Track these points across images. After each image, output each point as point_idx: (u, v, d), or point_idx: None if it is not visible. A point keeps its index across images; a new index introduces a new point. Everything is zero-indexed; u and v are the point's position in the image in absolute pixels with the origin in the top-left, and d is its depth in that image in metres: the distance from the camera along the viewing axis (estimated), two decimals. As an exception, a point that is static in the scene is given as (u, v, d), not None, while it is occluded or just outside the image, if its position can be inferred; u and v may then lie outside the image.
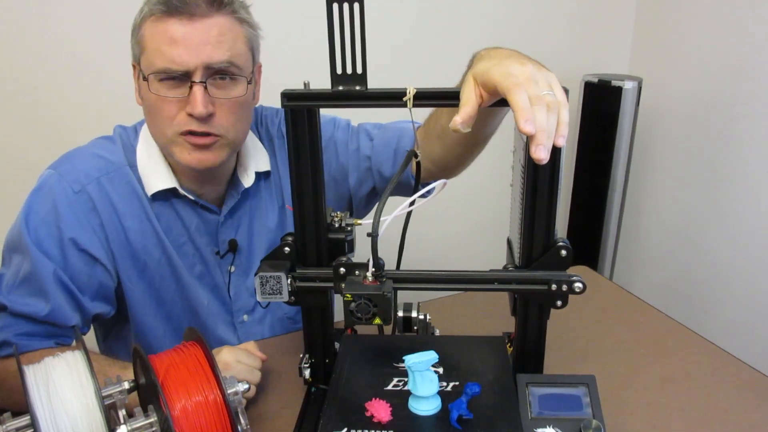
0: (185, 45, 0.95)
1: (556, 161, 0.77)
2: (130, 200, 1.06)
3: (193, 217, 1.11)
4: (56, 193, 1.02)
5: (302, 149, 0.81)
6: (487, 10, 1.97)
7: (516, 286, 0.84)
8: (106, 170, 1.06)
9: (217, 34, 0.96)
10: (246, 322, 1.19)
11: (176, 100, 0.98)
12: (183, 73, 0.96)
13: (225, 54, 0.97)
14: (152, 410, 0.65)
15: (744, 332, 1.86)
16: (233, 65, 0.98)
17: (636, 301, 1.26)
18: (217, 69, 0.97)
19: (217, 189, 1.12)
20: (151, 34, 0.97)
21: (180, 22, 0.95)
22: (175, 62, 0.95)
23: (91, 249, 1.02)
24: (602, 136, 2.02)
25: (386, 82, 0.75)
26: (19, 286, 0.99)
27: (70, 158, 1.07)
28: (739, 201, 1.87)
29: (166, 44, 0.95)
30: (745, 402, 0.95)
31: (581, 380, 0.81)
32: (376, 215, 0.73)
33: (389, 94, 0.75)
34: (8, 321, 0.98)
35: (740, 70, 1.82)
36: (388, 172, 1.15)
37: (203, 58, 0.95)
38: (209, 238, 1.13)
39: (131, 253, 1.07)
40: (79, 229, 1.01)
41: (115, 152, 1.08)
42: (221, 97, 0.99)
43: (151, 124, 1.03)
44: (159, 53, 0.96)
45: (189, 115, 0.97)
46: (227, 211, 1.12)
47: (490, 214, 2.01)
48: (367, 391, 0.79)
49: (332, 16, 0.73)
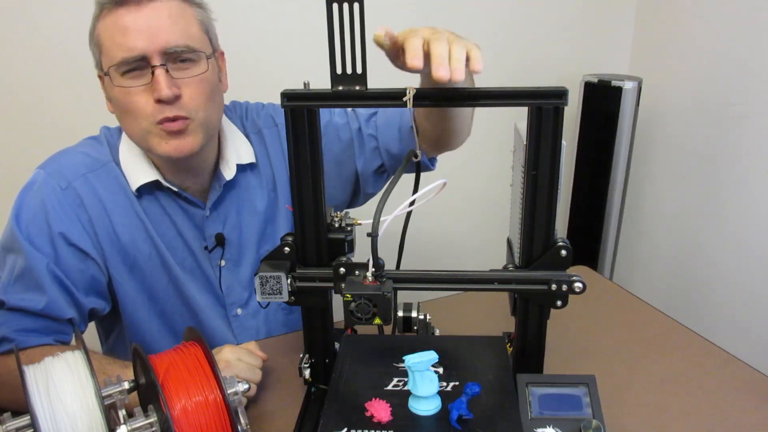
0: (138, 31, 0.95)
1: (556, 161, 0.77)
2: (117, 196, 1.07)
3: (179, 211, 1.11)
4: (44, 191, 1.03)
5: (302, 149, 0.81)
6: (487, 10, 1.98)
7: (516, 286, 0.84)
8: (92, 167, 1.07)
9: (168, 17, 0.97)
10: (240, 315, 1.19)
11: (142, 89, 0.98)
12: (141, 58, 0.96)
13: (180, 38, 0.97)
14: (152, 410, 0.65)
15: (744, 332, 1.86)
16: (189, 49, 0.99)
17: (636, 301, 1.26)
18: (174, 53, 0.97)
19: (200, 181, 1.12)
20: (104, 30, 0.98)
21: (129, 11, 0.95)
22: (131, 49, 0.95)
23: (80, 244, 1.03)
24: (602, 136, 2.02)
25: (386, 82, 0.75)
26: (15, 283, 1.00)
27: (58, 158, 1.09)
28: (739, 201, 1.87)
29: (120, 35, 0.96)
30: (745, 402, 0.95)
31: (581, 380, 0.81)
32: (376, 215, 0.73)
33: (389, 94, 0.75)
34: (6, 317, 0.99)
35: (740, 70, 1.82)
36: (396, 149, 1.17)
37: (159, 43, 0.96)
38: (196, 232, 1.13)
39: (121, 248, 1.08)
40: (68, 224, 1.03)
41: (100, 150, 1.10)
42: (184, 77, 0.99)
43: (125, 122, 1.04)
44: (114, 45, 0.96)
45: (157, 101, 0.98)
46: (211, 204, 1.12)
47: (490, 214, 2.01)
48: (367, 391, 0.79)
49: (332, 16, 0.73)
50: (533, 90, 0.74)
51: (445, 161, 1.26)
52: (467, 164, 2.11)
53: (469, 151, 2.14)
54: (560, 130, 0.76)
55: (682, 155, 2.05)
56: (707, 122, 1.94)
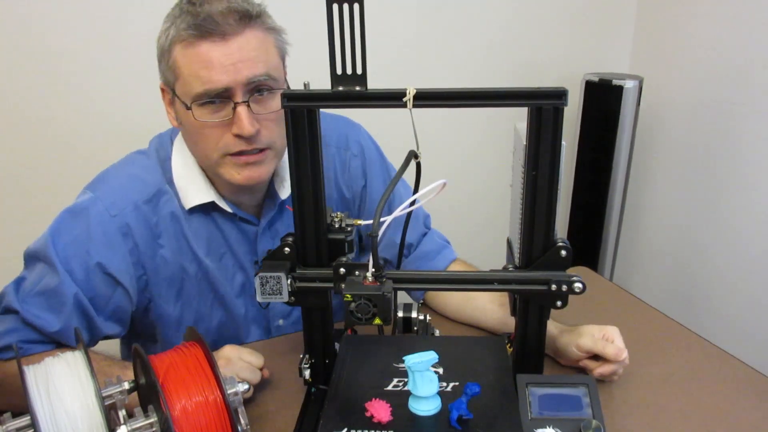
0: (222, 66, 0.93)
1: (556, 161, 0.77)
2: (168, 219, 1.05)
3: (232, 228, 1.10)
4: (92, 216, 1.00)
5: (302, 149, 0.81)
6: (487, 10, 1.97)
7: (516, 286, 0.84)
8: (145, 192, 1.04)
9: (252, 50, 0.94)
10: (281, 325, 1.19)
11: (221, 123, 0.96)
12: (223, 94, 0.94)
13: (262, 68, 0.95)
14: (152, 410, 0.65)
15: (744, 332, 1.86)
16: (270, 78, 0.97)
17: (636, 301, 1.26)
18: (256, 84, 0.96)
19: (255, 197, 1.10)
20: (184, 60, 0.95)
21: (214, 44, 0.93)
22: (215, 84, 0.93)
23: (116, 273, 1.01)
24: (603, 136, 2.02)
25: (386, 82, 0.75)
26: (37, 296, 0.98)
27: (107, 179, 1.06)
28: (740, 200, 1.87)
29: (203, 68, 0.93)
30: (745, 402, 0.95)
31: (581, 380, 0.81)
32: (376, 215, 0.73)
33: (389, 94, 0.75)
34: (17, 326, 0.97)
35: (740, 69, 1.82)
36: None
37: (242, 77, 0.94)
38: (249, 248, 1.12)
39: (168, 273, 1.06)
40: (109, 252, 1.00)
41: (151, 170, 1.06)
42: (264, 112, 0.98)
43: (195, 148, 1.03)
44: (196, 78, 0.94)
45: (236, 136, 0.96)
46: (266, 223, 1.11)
47: (490, 214, 2.01)
48: (367, 391, 0.79)
49: (332, 16, 0.73)
50: (533, 90, 0.74)
51: (446, 161, 1.26)
52: (467, 164, 2.11)
53: (469, 151, 2.15)
54: (560, 130, 0.76)
55: (682, 154, 2.05)
56: (708, 121, 1.94)
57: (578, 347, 0.98)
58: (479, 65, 2.00)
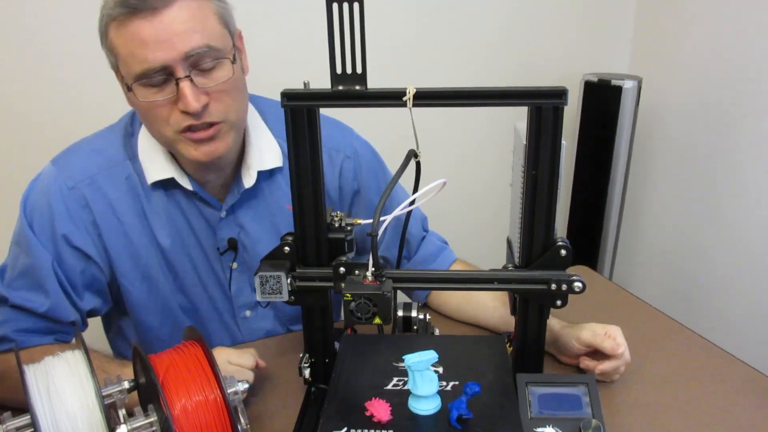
0: (156, 42, 0.89)
1: (556, 161, 0.77)
2: (128, 196, 1.05)
3: (194, 209, 1.08)
4: (51, 189, 1.02)
5: (302, 149, 0.81)
6: (487, 10, 1.97)
7: (516, 285, 0.84)
8: (104, 166, 1.04)
9: (186, 21, 0.91)
10: (248, 317, 1.18)
11: (167, 101, 0.94)
12: (163, 71, 0.92)
13: (199, 40, 0.91)
14: (152, 410, 0.65)
15: (744, 332, 1.86)
16: (212, 48, 0.93)
17: (636, 301, 1.26)
18: (196, 57, 0.92)
19: (222, 176, 1.08)
20: (119, 41, 0.92)
21: (145, 20, 0.89)
22: (151, 63, 0.90)
23: (83, 246, 1.02)
24: (602, 136, 2.02)
25: (386, 82, 0.75)
26: (18, 278, 1.00)
27: (70, 153, 1.07)
28: (739, 200, 1.87)
29: (138, 47, 0.90)
30: (745, 402, 0.95)
31: (581, 380, 0.81)
32: (376, 215, 0.73)
33: (389, 93, 0.75)
34: (8, 315, 0.98)
35: (740, 70, 1.82)
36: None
37: (178, 51, 0.90)
38: (210, 232, 1.11)
39: (131, 251, 1.06)
40: (71, 225, 1.01)
41: (115, 145, 1.06)
42: (211, 84, 0.94)
43: (150, 128, 1.01)
44: (133, 58, 0.91)
45: (183, 112, 0.94)
46: (228, 208, 1.09)
47: (490, 214, 2.01)
48: (367, 391, 0.79)
49: (332, 16, 0.73)
50: (533, 90, 0.74)
51: (446, 161, 1.26)
52: (467, 164, 2.11)
53: (469, 151, 2.15)
54: (560, 129, 0.76)
55: (681, 154, 2.05)
56: (707, 121, 1.94)
57: (578, 339, 0.99)
58: (479, 65, 2.00)
